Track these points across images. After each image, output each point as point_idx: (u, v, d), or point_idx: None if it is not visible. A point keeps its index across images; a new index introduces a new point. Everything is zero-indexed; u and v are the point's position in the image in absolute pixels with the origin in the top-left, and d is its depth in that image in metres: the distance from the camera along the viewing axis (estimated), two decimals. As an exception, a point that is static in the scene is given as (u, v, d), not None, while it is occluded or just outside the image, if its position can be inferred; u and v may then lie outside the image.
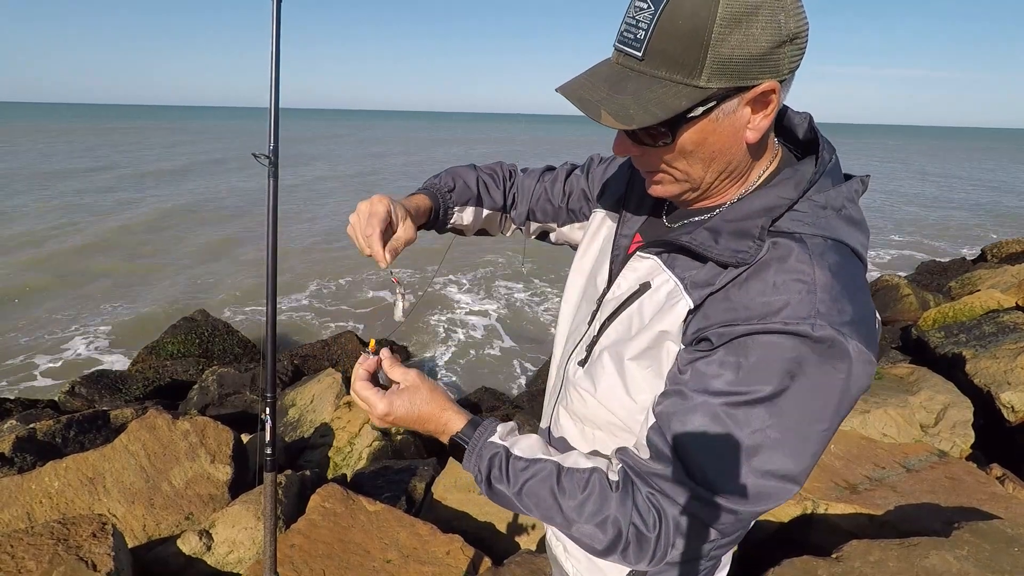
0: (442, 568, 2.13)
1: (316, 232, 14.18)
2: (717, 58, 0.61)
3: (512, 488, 0.75)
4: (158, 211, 16.14)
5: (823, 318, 0.61)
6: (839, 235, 0.68)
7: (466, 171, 1.11)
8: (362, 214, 0.87)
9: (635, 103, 0.64)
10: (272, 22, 1.38)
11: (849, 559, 1.94)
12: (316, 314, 8.77)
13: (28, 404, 4.80)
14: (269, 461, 1.57)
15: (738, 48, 0.60)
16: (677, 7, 0.60)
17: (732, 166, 0.71)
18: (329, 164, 30.92)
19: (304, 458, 3.68)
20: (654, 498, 0.69)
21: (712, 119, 0.65)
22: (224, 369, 5.11)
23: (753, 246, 0.67)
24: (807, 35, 0.64)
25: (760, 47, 0.61)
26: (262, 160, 1.46)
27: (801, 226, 0.68)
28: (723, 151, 0.69)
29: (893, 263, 12.33)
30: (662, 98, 0.63)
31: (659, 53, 0.63)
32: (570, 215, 1.11)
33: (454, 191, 1.07)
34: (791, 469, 0.65)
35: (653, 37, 0.62)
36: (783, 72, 0.63)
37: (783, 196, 0.70)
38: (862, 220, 0.72)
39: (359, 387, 0.83)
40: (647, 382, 0.74)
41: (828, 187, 0.70)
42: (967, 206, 21.59)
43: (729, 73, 0.62)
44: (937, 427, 3.23)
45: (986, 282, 6.70)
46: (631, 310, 0.76)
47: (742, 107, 0.65)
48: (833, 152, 0.74)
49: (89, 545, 1.98)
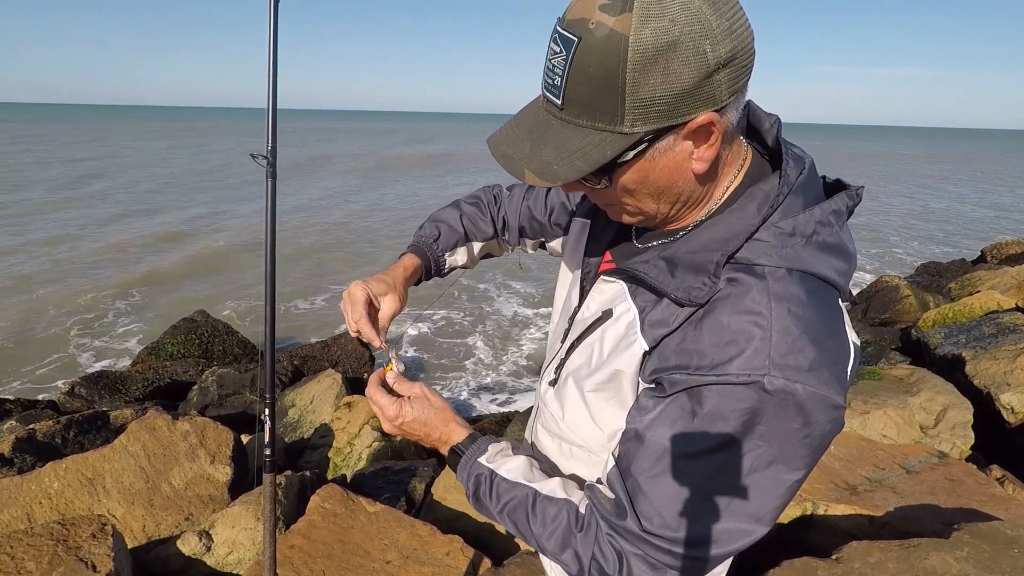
0: (442, 569, 2.13)
1: (316, 231, 14.18)
2: (637, 102, 0.57)
3: (495, 507, 0.79)
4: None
5: (777, 369, 0.58)
6: (807, 266, 0.64)
7: (448, 213, 1.14)
8: (346, 305, 0.94)
9: (558, 157, 0.61)
10: (269, 22, 1.38)
11: (849, 560, 1.94)
12: (316, 315, 8.76)
13: (28, 404, 4.80)
14: (268, 462, 1.57)
15: (660, 88, 0.56)
16: (586, 54, 0.57)
17: (685, 196, 0.68)
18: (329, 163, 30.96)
19: (304, 459, 3.68)
20: (614, 540, 0.69)
21: (648, 159, 0.62)
22: (224, 370, 5.10)
23: (708, 283, 0.64)
24: (748, 52, 0.59)
25: (685, 83, 0.56)
26: (260, 161, 1.46)
27: (763, 257, 0.64)
28: (669, 185, 0.66)
29: (893, 263, 12.32)
30: (585, 149, 0.60)
31: (576, 102, 0.60)
32: (555, 229, 1.12)
33: (440, 239, 1.10)
34: (751, 515, 0.63)
35: (568, 86, 0.59)
36: (721, 99, 0.59)
37: (743, 222, 0.65)
38: (839, 244, 0.66)
39: (373, 391, 0.89)
40: (610, 412, 0.74)
41: (797, 209, 0.65)
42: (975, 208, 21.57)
43: (655, 115, 0.58)
44: (937, 428, 3.23)
45: (986, 283, 6.70)
46: (593, 338, 0.76)
47: (680, 142, 0.62)
48: (802, 165, 0.69)
49: (89, 546, 1.98)
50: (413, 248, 1.09)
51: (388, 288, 0.97)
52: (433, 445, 0.88)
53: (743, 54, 0.58)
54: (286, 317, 8.43)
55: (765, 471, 0.62)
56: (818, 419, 0.60)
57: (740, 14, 0.58)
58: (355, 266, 11.47)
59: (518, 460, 0.82)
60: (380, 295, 0.96)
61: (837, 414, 0.61)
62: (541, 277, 10.65)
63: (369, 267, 11.11)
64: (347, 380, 4.41)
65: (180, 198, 18.63)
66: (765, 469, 0.62)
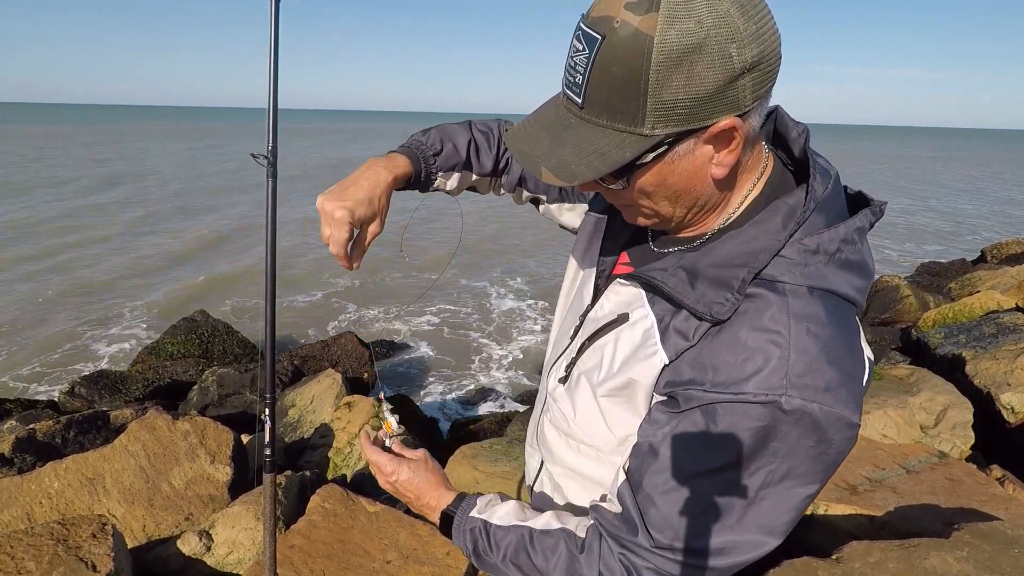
0: (442, 569, 2.13)
1: (315, 231, 14.17)
2: (659, 105, 0.56)
3: (496, 557, 0.80)
4: (160, 210, 16.16)
5: (795, 389, 0.58)
6: (828, 284, 0.62)
7: (458, 131, 1.03)
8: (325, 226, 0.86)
9: (576, 157, 0.61)
10: (270, 22, 1.38)
11: (849, 560, 1.94)
12: (316, 314, 8.76)
13: (28, 404, 4.80)
14: (268, 462, 1.57)
15: (683, 91, 0.55)
16: (609, 52, 0.55)
17: (703, 201, 0.67)
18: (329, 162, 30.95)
19: (304, 459, 3.68)
20: (625, 558, 0.68)
21: (667, 162, 0.61)
22: (224, 369, 5.11)
23: (731, 299, 0.63)
24: (775, 56, 0.57)
25: (709, 87, 0.55)
26: (260, 160, 1.46)
27: (787, 275, 0.62)
28: (687, 189, 0.64)
29: (893, 263, 12.33)
30: (604, 150, 0.60)
31: (597, 102, 0.59)
32: (561, 193, 1.05)
33: (440, 154, 1.00)
34: (763, 527, 0.63)
35: (589, 85, 0.58)
36: (744, 105, 0.57)
37: (769, 237, 0.64)
38: (861, 262, 0.65)
39: (369, 451, 0.92)
40: (623, 417, 0.73)
41: (821, 225, 0.64)
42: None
43: (676, 118, 0.57)
44: (937, 428, 3.23)
45: (986, 283, 6.70)
46: (606, 340, 0.74)
47: (700, 146, 0.60)
48: (829, 179, 0.67)
49: (89, 546, 1.98)
50: (407, 151, 0.98)
51: (372, 212, 0.88)
52: (421, 510, 0.90)
53: (769, 59, 0.57)
54: (287, 316, 8.43)
55: (778, 485, 0.61)
56: (834, 438, 0.60)
57: (768, 18, 0.56)
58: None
59: (508, 505, 0.83)
60: (364, 220, 0.88)
61: (852, 432, 0.61)
62: (535, 271, 10.65)
63: (369, 267, 11.12)
64: (347, 380, 4.41)
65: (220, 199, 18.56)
66: (778, 484, 0.61)
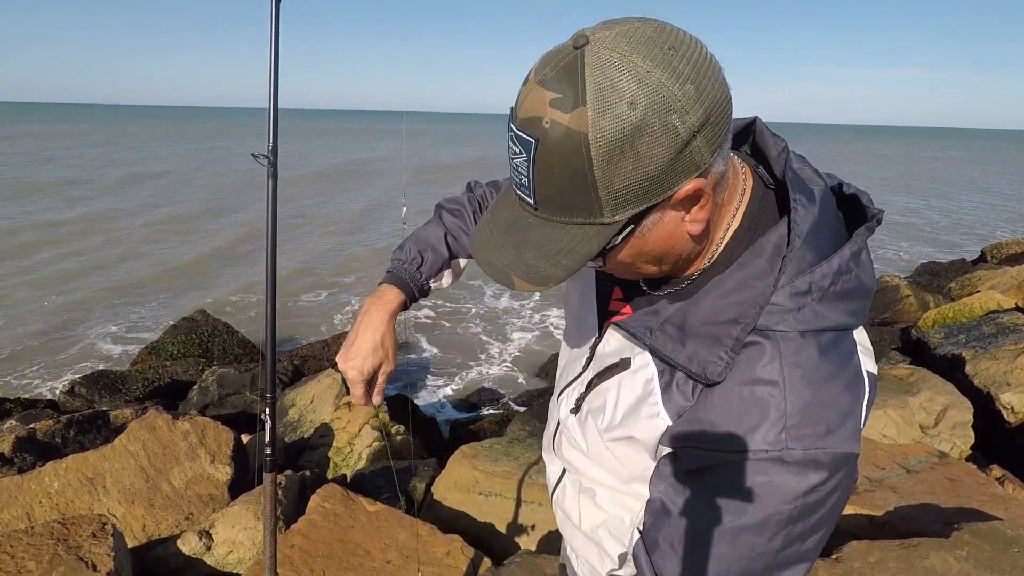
0: (442, 568, 2.13)
1: (317, 231, 14.18)
2: (613, 194, 0.54)
3: None
4: (167, 213, 16.16)
5: (795, 441, 0.57)
6: (822, 324, 0.60)
7: (429, 230, 1.05)
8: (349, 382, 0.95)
9: (543, 259, 0.59)
10: (270, 22, 1.38)
11: (849, 560, 1.94)
12: (316, 314, 8.76)
13: (28, 404, 4.81)
14: (269, 461, 1.57)
15: (634, 175, 0.53)
16: (546, 155, 0.53)
17: (686, 254, 0.64)
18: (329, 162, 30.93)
19: (304, 458, 3.68)
20: None
21: (638, 237, 0.59)
22: (224, 369, 5.11)
23: (725, 358, 0.60)
24: (723, 104, 0.54)
25: (659, 162, 0.52)
26: (261, 160, 1.45)
27: (780, 323, 0.60)
28: (667, 251, 0.62)
29: (893, 263, 12.32)
30: (570, 247, 0.58)
31: (549, 202, 0.57)
32: None
33: (423, 266, 1.02)
34: (774, 570, 0.63)
35: (537, 187, 0.56)
36: (703, 163, 0.55)
37: (757, 283, 0.61)
38: (857, 287, 0.62)
39: None
40: (634, 457, 0.72)
41: (811, 260, 0.60)
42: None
43: (634, 200, 0.55)
44: (937, 428, 3.23)
45: (986, 283, 6.71)
46: (610, 384, 0.73)
47: (668, 213, 0.58)
48: (813, 203, 0.62)
49: (89, 545, 1.98)
50: (393, 278, 1.00)
51: (380, 359, 0.94)
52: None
53: (718, 109, 0.54)
54: (287, 315, 8.43)
55: (789, 538, 0.61)
56: (839, 478, 0.60)
57: (705, 67, 0.53)
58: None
59: None
60: (374, 369, 0.95)
61: (853, 466, 0.61)
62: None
63: (369, 267, 11.12)
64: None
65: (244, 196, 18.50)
66: (790, 536, 0.61)
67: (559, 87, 0.52)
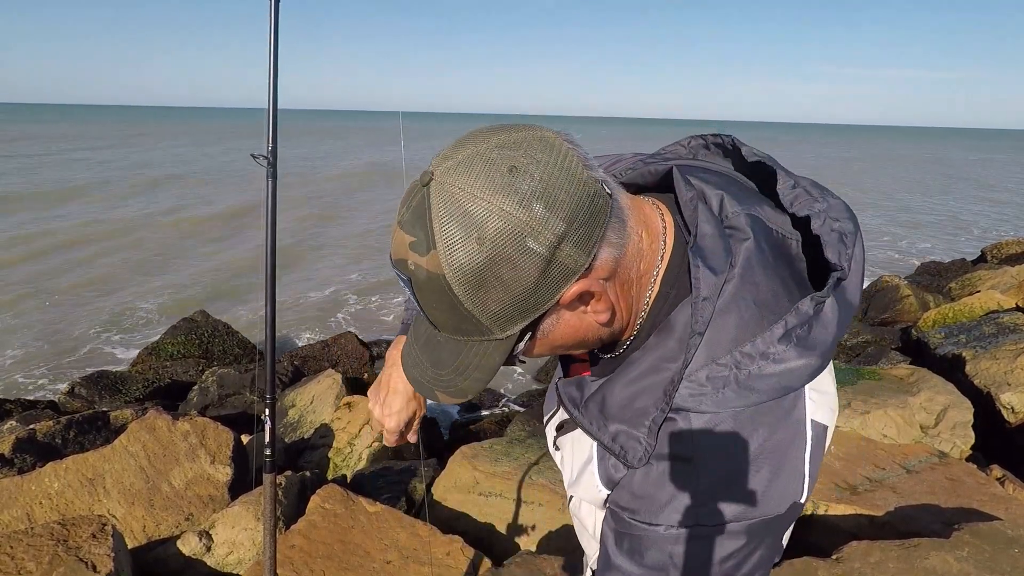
0: (442, 569, 2.13)
1: (317, 231, 14.19)
2: (493, 316, 0.54)
3: None
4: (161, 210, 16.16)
5: (706, 517, 0.59)
6: (748, 401, 0.57)
7: None
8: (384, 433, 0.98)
9: (457, 375, 0.62)
10: (269, 22, 1.38)
11: (849, 560, 1.94)
12: (316, 315, 8.76)
13: (28, 405, 4.81)
14: (269, 462, 1.57)
15: (505, 299, 0.53)
16: (422, 293, 0.55)
17: (606, 334, 0.63)
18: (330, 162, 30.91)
19: (304, 459, 3.68)
20: None
21: (542, 336, 0.59)
22: (224, 370, 5.11)
23: (643, 443, 0.60)
24: (586, 200, 0.52)
25: (528, 281, 0.52)
26: (260, 161, 1.46)
27: (701, 404, 0.58)
28: (582, 339, 0.62)
29: (893, 263, 12.33)
30: (477, 362, 0.60)
31: (445, 326, 0.59)
32: None
33: None
34: None
35: (428, 316, 0.59)
36: (580, 265, 0.53)
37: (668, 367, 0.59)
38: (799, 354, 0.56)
39: None
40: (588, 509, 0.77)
41: (730, 334, 0.57)
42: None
43: (518, 316, 0.55)
44: (937, 428, 3.23)
45: (986, 283, 6.71)
46: (568, 440, 0.76)
47: (564, 313, 0.58)
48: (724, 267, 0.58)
49: (89, 546, 1.98)
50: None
51: (414, 409, 0.98)
52: None
53: (581, 210, 0.52)
54: (287, 315, 8.43)
55: None
56: (754, 540, 0.61)
57: (554, 176, 0.51)
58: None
59: None
60: (410, 419, 0.98)
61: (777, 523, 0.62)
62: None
63: (369, 267, 11.11)
64: (347, 380, 4.41)
65: None
66: None
67: (413, 230, 0.53)
